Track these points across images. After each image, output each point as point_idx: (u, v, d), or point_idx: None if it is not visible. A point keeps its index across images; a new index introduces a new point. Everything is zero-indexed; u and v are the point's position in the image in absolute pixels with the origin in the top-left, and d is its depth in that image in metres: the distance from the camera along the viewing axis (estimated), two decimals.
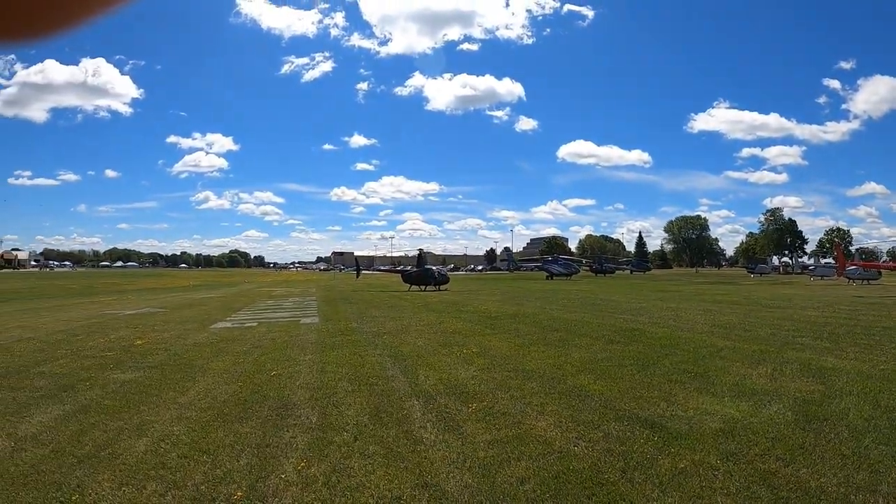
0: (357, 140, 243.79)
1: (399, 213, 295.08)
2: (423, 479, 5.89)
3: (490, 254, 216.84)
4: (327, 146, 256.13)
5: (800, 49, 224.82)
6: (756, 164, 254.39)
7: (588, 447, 6.78)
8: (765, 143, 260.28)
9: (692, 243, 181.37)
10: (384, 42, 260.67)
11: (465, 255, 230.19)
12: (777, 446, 6.70)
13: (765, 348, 13.59)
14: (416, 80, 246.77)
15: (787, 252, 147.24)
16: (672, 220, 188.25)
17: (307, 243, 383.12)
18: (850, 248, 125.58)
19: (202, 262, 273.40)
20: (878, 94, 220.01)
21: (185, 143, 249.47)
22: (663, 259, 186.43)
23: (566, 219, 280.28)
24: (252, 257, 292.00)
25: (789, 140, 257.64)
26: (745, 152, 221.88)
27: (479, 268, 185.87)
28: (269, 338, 16.45)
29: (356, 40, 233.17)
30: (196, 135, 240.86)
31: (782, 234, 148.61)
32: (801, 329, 17.30)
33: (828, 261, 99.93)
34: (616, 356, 12.82)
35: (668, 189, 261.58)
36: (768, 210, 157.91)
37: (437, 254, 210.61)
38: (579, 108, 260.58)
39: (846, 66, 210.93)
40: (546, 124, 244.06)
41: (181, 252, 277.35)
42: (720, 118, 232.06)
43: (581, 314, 23.21)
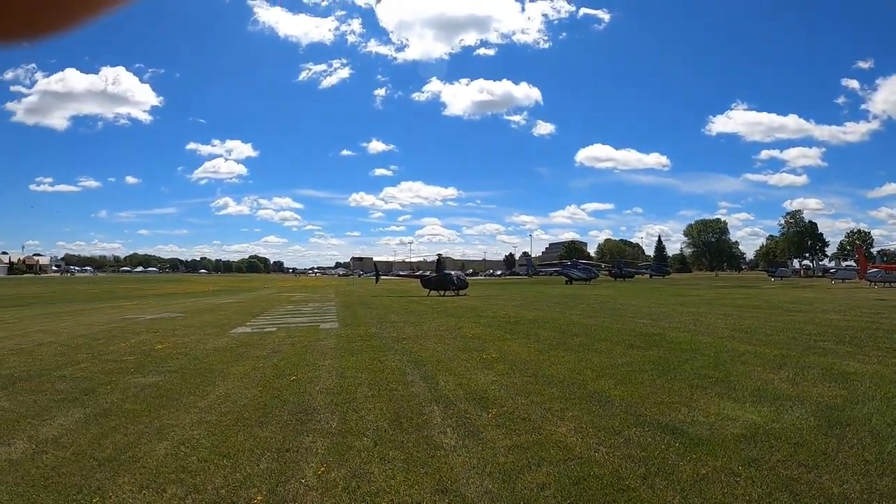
0: (375, 146, 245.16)
1: (418, 219, 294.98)
2: (443, 485, 5.88)
3: (509, 259, 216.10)
4: (345, 152, 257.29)
5: (817, 49, 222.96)
6: (775, 166, 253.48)
7: (609, 453, 6.73)
8: (783, 144, 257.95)
9: (711, 247, 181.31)
10: (401, 48, 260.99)
11: (484, 259, 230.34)
12: (799, 452, 6.63)
13: (786, 353, 13.45)
14: (434, 85, 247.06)
15: (807, 255, 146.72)
16: (691, 223, 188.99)
17: (326, 249, 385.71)
18: (872, 250, 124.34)
19: (222, 267, 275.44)
20: None
21: (205, 149, 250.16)
22: (683, 263, 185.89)
23: (585, 223, 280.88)
24: (271, 263, 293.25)
25: (808, 141, 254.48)
26: (764, 154, 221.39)
27: (498, 273, 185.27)
28: (288, 343, 16.48)
29: (373, 47, 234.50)
30: (215, 141, 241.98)
31: (803, 237, 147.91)
32: (822, 333, 17.12)
33: (849, 263, 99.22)
34: (636, 361, 12.74)
35: (686, 192, 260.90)
36: (788, 212, 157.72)
37: (455, 259, 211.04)
38: (596, 111, 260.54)
39: (864, 65, 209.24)
40: (563, 128, 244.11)
41: (201, 257, 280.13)
42: (738, 120, 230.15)
43: (601, 319, 23.11)
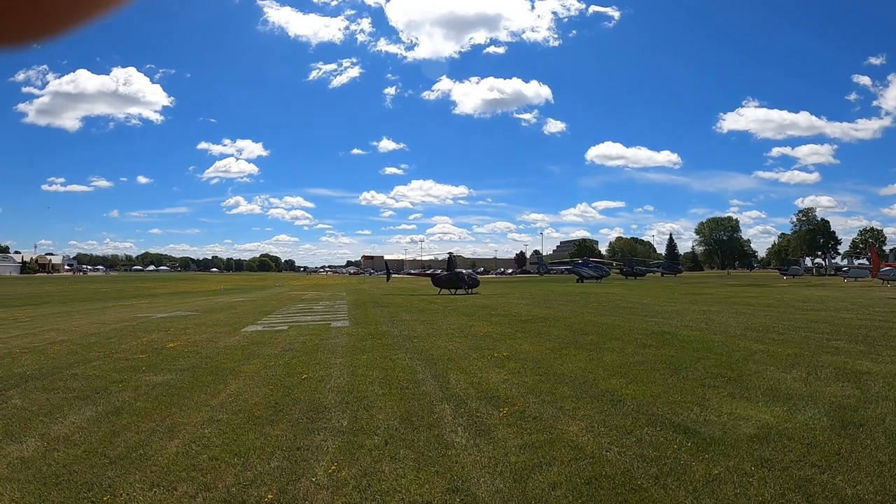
0: (386, 144, 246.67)
1: (428, 217, 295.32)
2: (454, 484, 5.86)
3: (520, 257, 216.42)
4: (356, 151, 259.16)
5: (828, 46, 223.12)
6: (787, 163, 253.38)
7: (620, 452, 6.71)
8: (795, 142, 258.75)
9: (723, 245, 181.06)
10: (410, 47, 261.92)
11: (495, 258, 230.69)
12: (812, 452, 6.58)
13: (799, 352, 13.38)
14: (444, 84, 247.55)
15: (820, 253, 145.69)
16: (703, 221, 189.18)
17: (337, 247, 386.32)
18: (885, 248, 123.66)
19: (233, 266, 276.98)
20: None
21: (216, 149, 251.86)
22: (694, 261, 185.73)
23: (596, 221, 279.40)
24: (282, 261, 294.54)
25: (820, 139, 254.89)
26: (776, 152, 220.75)
27: (509, 271, 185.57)
28: (299, 341, 16.52)
29: (383, 46, 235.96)
30: (226, 141, 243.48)
31: (815, 235, 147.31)
32: (835, 332, 17.02)
33: (862, 262, 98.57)
34: (648, 360, 12.70)
35: (697, 190, 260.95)
36: (800, 210, 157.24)
37: (466, 257, 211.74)
38: (607, 109, 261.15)
39: (876, 61, 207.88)
40: (574, 126, 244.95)
41: (212, 256, 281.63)
42: (749, 117, 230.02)
43: (612, 317, 23.06)
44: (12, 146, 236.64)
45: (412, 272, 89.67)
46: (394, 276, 72.88)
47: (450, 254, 52.13)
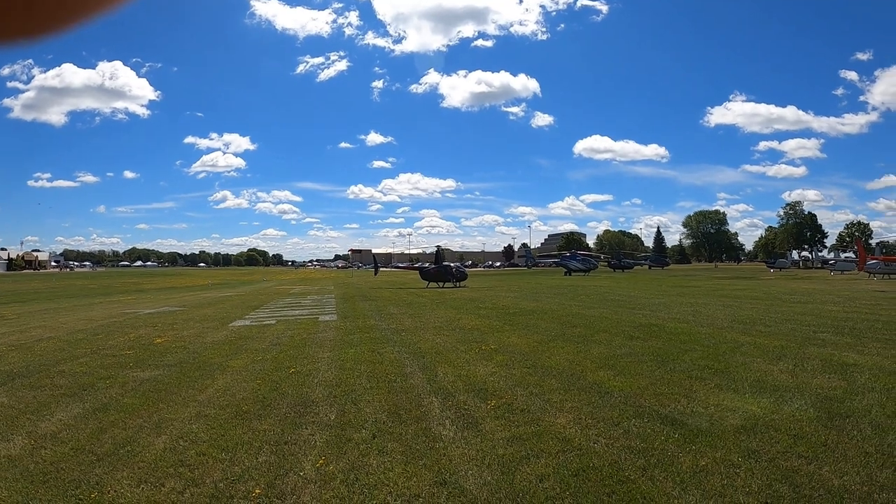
0: (373, 138, 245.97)
1: (416, 210, 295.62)
2: (442, 477, 5.87)
3: (508, 250, 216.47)
4: (344, 144, 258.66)
5: (816, 41, 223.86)
6: (774, 157, 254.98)
7: (608, 444, 6.73)
8: (782, 136, 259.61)
9: (711, 238, 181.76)
10: (398, 40, 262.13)
11: (483, 251, 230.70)
12: (799, 444, 6.62)
13: (786, 344, 13.46)
14: (432, 77, 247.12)
15: (806, 246, 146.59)
16: (690, 214, 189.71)
17: (325, 241, 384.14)
18: (871, 241, 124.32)
19: (221, 260, 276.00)
20: None
21: (203, 143, 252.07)
22: (682, 254, 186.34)
23: (583, 214, 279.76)
24: (270, 256, 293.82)
25: (807, 133, 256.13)
26: (763, 146, 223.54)
27: (497, 264, 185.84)
28: (287, 335, 16.49)
29: (370, 39, 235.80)
30: (213, 135, 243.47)
31: (802, 228, 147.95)
32: (822, 324, 17.12)
33: (848, 255, 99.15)
34: (636, 352, 12.75)
35: (685, 184, 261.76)
36: (787, 204, 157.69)
37: (454, 250, 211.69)
38: (595, 103, 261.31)
39: (863, 57, 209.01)
40: (562, 120, 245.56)
41: (200, 251, 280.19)
42: (737, 111, 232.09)
43: (600, 310, 23.13)
44: None
45: (400, 266, 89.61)
46: (382, 269, 72.79)
47: (438, 247, 52.14)
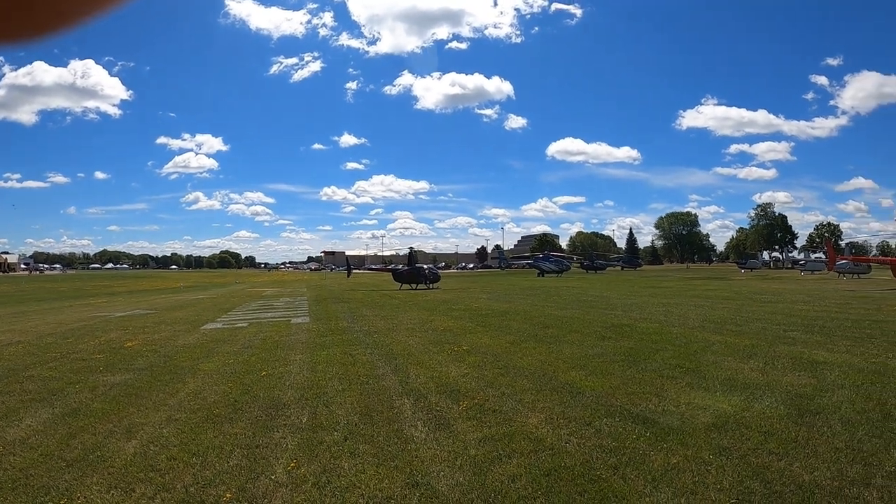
0: (347, 139, 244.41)
1: (389, 212, 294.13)
2: (414, 479, 5.86)
3: (481, 252, 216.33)
4: (317, 146, 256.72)
5: (787, 46, 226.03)
6: (744, 160, 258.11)
7: (579, 443, 6.76)
8: (753, 139, 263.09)
9: (682, 239, 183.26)
10: (373, 42, 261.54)
11: (457, 253, 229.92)
12: (770, 440, 6.69)
13: (756, 342, 13.61)
14: (405, 79, 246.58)
15: (777, 247, 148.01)
16: (662, 216, 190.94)
17: (298, 243, 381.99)
18: (840, 242, 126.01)
19: (193, 263, 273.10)
20: (865, 89, 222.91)
21: (175, 144, 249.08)
22: (654, 255, 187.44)
23: (556, 216, 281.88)
24: (243, 258, 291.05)
25: (777, 136, 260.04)
26: (734, 148, 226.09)
27: (471, 266, 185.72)
28: (259, 338, 16.40)
29: (345, 40, 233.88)
30: (185, 136, 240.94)
31: (772, 230, 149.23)
32: (792, 323, 17.35)
33: (818, 255, 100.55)
34: (607, 352, 12.81)
35: (657, 186, 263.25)
36: (758, 205, 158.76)
37: (427, 252, 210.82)
38: (568, 105, 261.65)
39: (833, 62, 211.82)
40: (535, 122, 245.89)
41: (172, 253, 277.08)
42: (708, 115, 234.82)
43: (572, 311, 23.24)
44: None
45: (373, 268, 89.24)
46: (355, 271, 72.70)
47: (410, 249, 51.91)
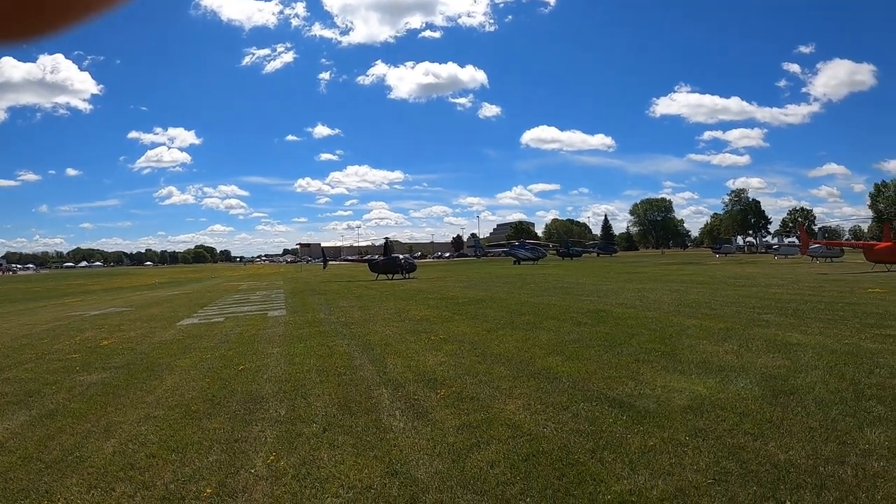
0: (320, 130, 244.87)
1: (365, 203, 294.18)
2: (393, 467, 5.88)
3: (457, 240, 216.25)
4: (291, 137, 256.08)
5: (759, 34, 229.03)
6: (718, 146, 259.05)
7: (557, 428, 6.80)
8: (726, 126, 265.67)
9: (657, 225, 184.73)
10: (346, 32, 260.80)
11: (432, 242, 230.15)
12: (745, 421, 6.77)
13: (731, 326, 13.73)
14: (379, 68, 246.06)
15: (751, 232, 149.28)
16: (637, 202, 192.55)
17: (273, 236, 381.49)
18: (813, 227, 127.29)
19: (167, 258, 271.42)
20: (837, 77, 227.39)
21: (147, 138, 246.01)
22: (629, 241, 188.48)
23: (532, 204, 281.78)
24: (218, 252, 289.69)
25: (750, 123, 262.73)
26: (707, 135, 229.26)
27: (447, 255, 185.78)
28: (236, 332, 16.36)
29: (317, 30, 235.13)
30: (157, 129, 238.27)
31: (746, 215, 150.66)
32: (766, 306, 17.50)
33: (791, 240, 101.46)
34: (584, 338, 12.89)
35: (632, 172, 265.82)
36: (732, 191, 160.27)
37: (403, 242, 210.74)
38: (542, 94, 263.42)
39: (805, 50, 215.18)
40: (509, 111, 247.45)
41: (146, 249, 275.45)
42: (682, 102, 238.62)
43: (548, 297, 23.32)
44: None
45: (349, 258, 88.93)
46: (331, 263, 72.82)
47: (386, 239, 51.63)
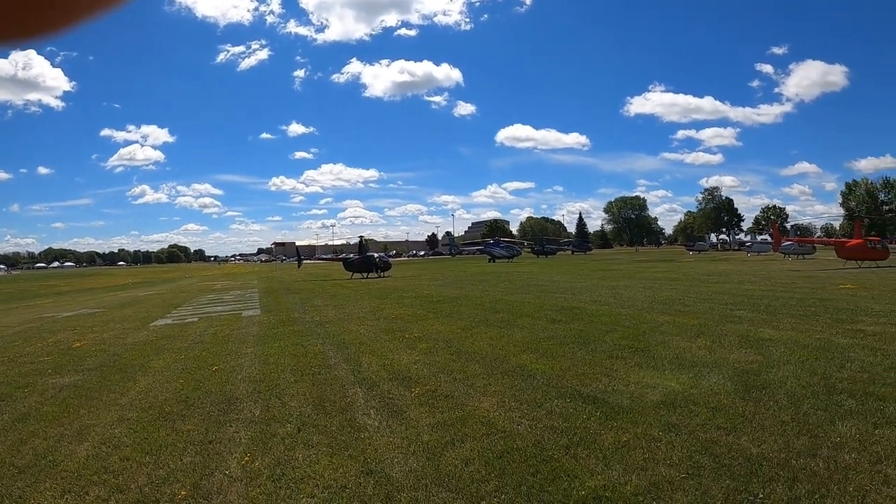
0: (295, 128, 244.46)
1: (339, 201, 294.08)
2: (368, 467, 5.88)
3: (432, 239, 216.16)
4: (265, 135, 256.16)
5: (733, 34, 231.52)
6: (691, 145, 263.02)
7: (531, 425, 6.85)
8: (700, 125, 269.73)
9: (631, 223, 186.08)
10: (321, 29, 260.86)
11: (407, 240, 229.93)
12: (718, 416, 6.84)
13: (704, 322, 13.86)
14: (354, 66, 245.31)
15: (724, 230, 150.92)
16: (611, 200, 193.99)
17: (247, 235, 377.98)
18: (786, 224, 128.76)
19: (141, 258, 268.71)
20: (810, 78, 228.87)
21: (120, 136, 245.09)
22: (604, 239, 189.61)
23: (506, 202, 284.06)
24: (192, 251, 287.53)
25: (723, 122, 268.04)
26: (681, 134, 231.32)
27: (422, 253, 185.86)
28: (210, 332, 16.27)
29: (292, 27, 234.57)
30: (130, 127, 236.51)
31: (719, 213, 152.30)
32: (738, 303, 17.67)
33: (764, 237, 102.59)
34: (558, 335, 12.95)
35: (606, 171, 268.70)
36: (705, 189, 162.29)
37: (378, 240, 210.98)
38: (517, 92, 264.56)
39: (778, 51, 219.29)
40: (484, 109, 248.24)
41: (119, 249, 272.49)
42: (656, 101, 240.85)
43: (523, 295, 23.38)
44: None
45: (324, 257, 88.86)
46: (306, 262, 72.51)
47: (361, 237, 51.55)
